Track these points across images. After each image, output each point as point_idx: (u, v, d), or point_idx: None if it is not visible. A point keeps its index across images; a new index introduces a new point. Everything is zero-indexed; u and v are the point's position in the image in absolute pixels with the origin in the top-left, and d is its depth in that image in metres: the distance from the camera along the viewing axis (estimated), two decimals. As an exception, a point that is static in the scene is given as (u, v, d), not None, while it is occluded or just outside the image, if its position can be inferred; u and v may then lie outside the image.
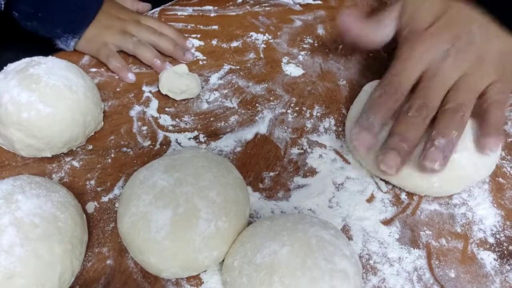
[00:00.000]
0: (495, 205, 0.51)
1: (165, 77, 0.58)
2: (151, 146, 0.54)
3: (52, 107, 0.47)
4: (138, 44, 0.62)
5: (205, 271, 0.43)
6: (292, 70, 0.65)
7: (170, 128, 0.56)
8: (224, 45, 0.67)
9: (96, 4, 0.62)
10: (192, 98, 0.60)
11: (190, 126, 0.57)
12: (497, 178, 0.54)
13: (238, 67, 0.65)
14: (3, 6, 0.57)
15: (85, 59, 0.63)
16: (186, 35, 0.68)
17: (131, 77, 0.60)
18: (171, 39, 0.64)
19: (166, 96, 0.59)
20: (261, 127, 0.57)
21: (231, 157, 0.54)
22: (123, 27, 0.63)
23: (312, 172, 0.53)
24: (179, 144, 0.55)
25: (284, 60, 0.67)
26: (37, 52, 0.53)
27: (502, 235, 0.49)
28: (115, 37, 0.62)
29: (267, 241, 0.38)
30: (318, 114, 0.59)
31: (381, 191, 0.52)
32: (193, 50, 0.66)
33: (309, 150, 0.55)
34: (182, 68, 0.61)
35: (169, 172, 0.41)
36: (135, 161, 0.52)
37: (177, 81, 0.58)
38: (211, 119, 0.58)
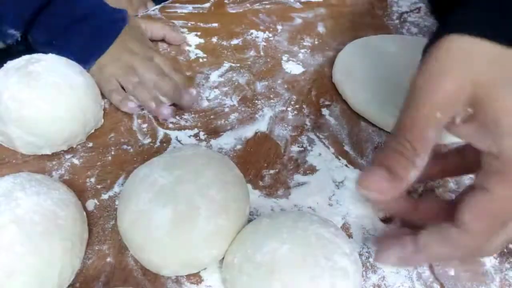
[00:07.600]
0: (495, 203, 0.51)
1: None
2: (151, 144, 0.54)
3: (52, 104, 0.47)
4: (137, 85, 0.57)
5: (205, 268, 0.43)
6: (292, 68, 0.65)
7: (170, 125, 0.56)
8: (224, 43, 0.67)
9: (112, 36, 0.58)
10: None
11: (190, 123, 0.57)
12: (497, 176, 0.54)
13: (238, 65, 0.65)
14: (19, 37, 0.57)
15: (85, 56, 0.62)
16: (186, 32, 0.68)
17: (130, 105, 0.56)
18: (174, 84, 0.57)
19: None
20: (261, 125, 0.57)
21: (231, 155, 0.54)
22: (130, 62, 0.58)
23: (312, 170, 0.53)
24: (179, 141, 0.54)
25: (284, 57, 0.67)
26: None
27: (501, 233, 0.49)
28: (118, 71, 0.57)
29: (267, 239, 0.38)
30: (319, 112, 0.59)
31: (381, 189, 0.52)
32: (193, 93, 0.58)
33: (309, 148, 0.55)
34: None
35: (169, 170, 0.41)
36: (135, 159, 0.52)
37: None
38: (211, 116, 0.58)
